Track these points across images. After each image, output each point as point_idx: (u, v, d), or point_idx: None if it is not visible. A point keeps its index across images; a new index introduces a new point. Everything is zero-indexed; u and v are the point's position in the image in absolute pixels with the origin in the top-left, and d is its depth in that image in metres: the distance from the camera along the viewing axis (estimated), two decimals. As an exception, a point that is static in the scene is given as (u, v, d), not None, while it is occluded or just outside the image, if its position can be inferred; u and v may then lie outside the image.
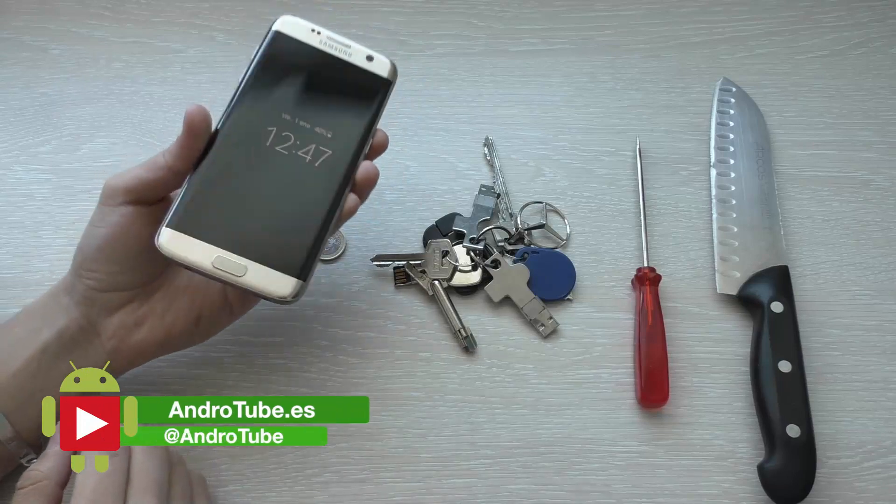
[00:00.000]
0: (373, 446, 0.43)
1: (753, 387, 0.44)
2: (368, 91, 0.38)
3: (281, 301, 0.35)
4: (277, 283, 0.34)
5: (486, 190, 0.50)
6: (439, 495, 0.42)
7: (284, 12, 0.38)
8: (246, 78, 0.37)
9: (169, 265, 0.39)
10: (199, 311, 0.39)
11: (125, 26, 0.56)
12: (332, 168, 0.37)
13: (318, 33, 0.38)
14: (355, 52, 0.38)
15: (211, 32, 0.56)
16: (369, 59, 0.38)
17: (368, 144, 0.38)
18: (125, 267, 0.36)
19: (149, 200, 0.35)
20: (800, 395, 0.43)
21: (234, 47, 0.56)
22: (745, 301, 0.47)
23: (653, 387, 0.44)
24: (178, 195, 0.35)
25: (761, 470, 0.42)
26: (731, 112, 0.54)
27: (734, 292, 0.47)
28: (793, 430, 0.42)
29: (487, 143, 0.52)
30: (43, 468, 0.33)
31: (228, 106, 0.36)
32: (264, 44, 0.37)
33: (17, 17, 0.56)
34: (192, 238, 0.34)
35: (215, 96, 0.53)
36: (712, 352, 0.46)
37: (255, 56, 0.37)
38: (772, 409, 0.42)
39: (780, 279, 0.47)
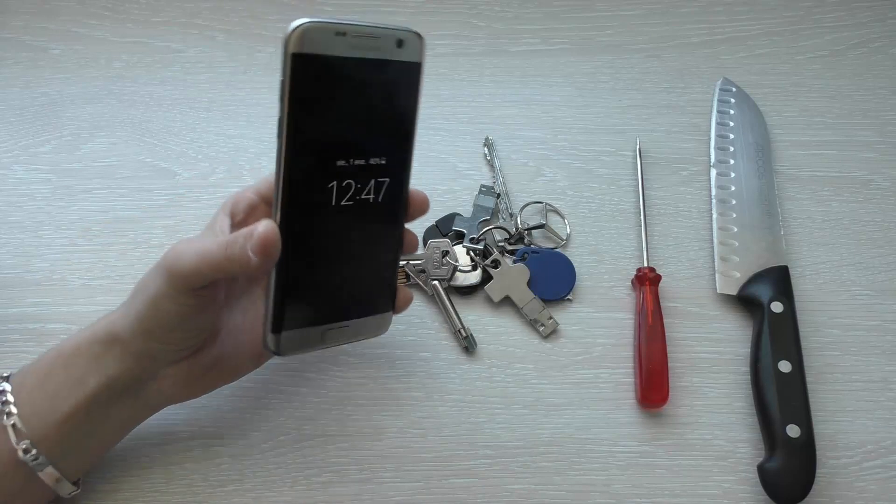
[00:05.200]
0: (373, 446, 0.43)
1: (753, 387, 0.44)
2: (406, 86, 0.33)
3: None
4: (378, 323, 0.36)
5: (486, 190, 0.50)
6: (439, 495, 0.42)
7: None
8: (285, 131, 0.30)
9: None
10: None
11: (125, 26, 0.56)
12: (393, 193, 0.34)
13: (344, 35, 0.30)
14: (385, 42, 0.31)
15: (211, 32, 0.56)
16: (399, 43, 0.32)
17: (414, 136, 0.35)
18: (202, 333, 0.36)
19: (215, 281, 0.33)
20: (800, 395, 0.43)
21: (234, 47, 0.56)
22: (745, 301, 0.47)
23: (653, 387, 0.44)
24: (268, 296, 0.32)
25: (761, 470, 0.42)
26: (731, 112, 0.54)
27: (734, 292, 0.47)
28: (793, 430, 0.42)
29: (487, 143, 0.52)
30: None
31: (280, 174, 0.31)
32: (287, 78, 0.29)
33: (17, 17, 0.56)
34: (297, 330, 0.33)
35: (215, 96, 0.54)
36: (712, 352, 0.46)
37: (283, 97, 0.30)
38: (772, 409, 0.42)
39: (780, 279, 0.47)
